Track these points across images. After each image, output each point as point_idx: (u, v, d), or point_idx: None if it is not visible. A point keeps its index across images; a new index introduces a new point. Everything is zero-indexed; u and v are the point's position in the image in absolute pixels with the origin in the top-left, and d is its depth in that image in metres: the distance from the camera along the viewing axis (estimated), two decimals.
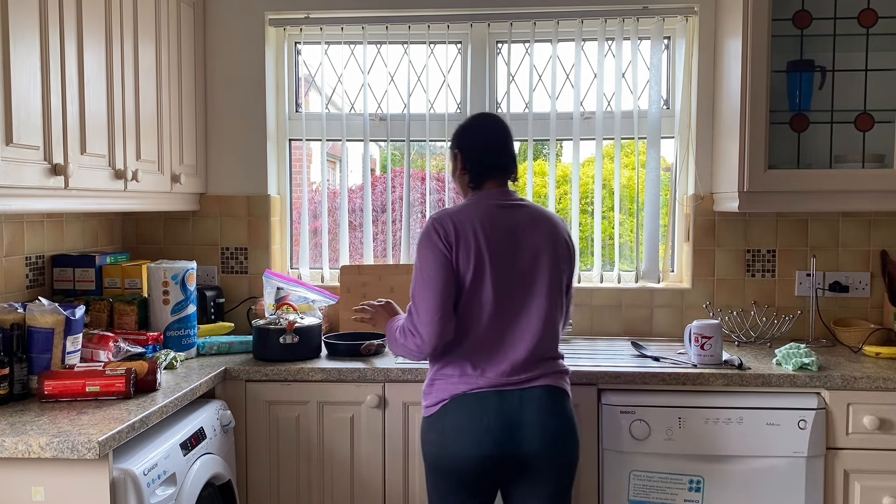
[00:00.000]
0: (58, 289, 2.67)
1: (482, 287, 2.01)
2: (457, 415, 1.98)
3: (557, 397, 2.01)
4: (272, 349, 2.54)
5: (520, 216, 2.07)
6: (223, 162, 3.11)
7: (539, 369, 2.01)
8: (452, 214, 2.05)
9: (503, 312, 2.02)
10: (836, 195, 2.60)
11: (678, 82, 3.03)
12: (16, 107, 1.90)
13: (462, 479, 1.99)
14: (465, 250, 2.00)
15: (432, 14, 3.03)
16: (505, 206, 2.08)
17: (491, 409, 1.96)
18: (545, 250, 2.05)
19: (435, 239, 2.02)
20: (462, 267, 2.01)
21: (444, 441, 1.98)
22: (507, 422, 1.95)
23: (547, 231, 2.08)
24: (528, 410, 1.97)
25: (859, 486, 2.34)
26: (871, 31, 2.62)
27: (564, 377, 2.07)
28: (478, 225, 2.02)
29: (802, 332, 2.92)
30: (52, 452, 1.72)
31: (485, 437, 1.95)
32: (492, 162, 2.13)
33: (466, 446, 1.95)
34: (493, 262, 2.01)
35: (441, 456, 1.99)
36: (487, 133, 2.16)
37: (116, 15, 2.36)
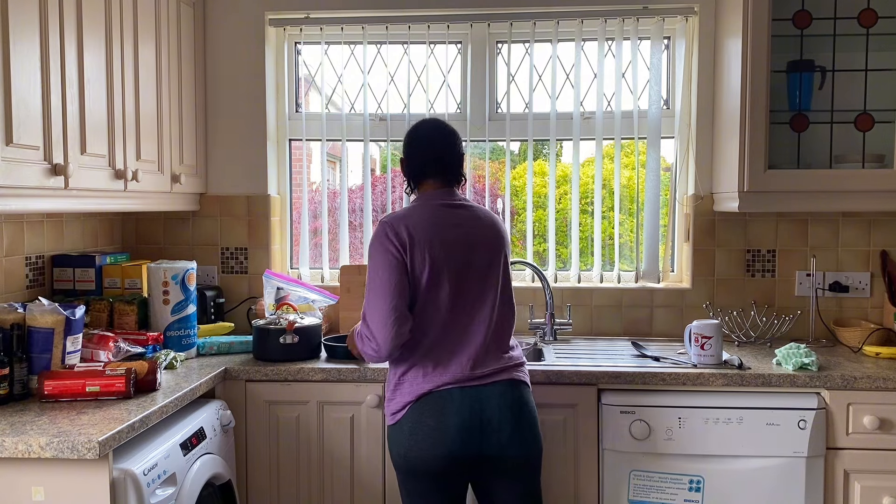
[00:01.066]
0: (58, 289, 2.67)
1: (439, 286, 2.03)
2: (422, 414, 1.99)
3: (519, 390, 2.05)
4: (272, 349, 2.54)
5: (466, 215, 2.12)
6: (223, 162, 3.11)
7: (498, 363, 2.05)
8: (403, 217, 2.08)
9: (460, 309, 2.05)
10: (836, 195, 2.60)
11: (678, 82, 3.03)
12: (16, 107, 1.90)
13: (432, 478, 2.00)
14: (419, 251, 2.02)
15: (432, 14, 3.03)
16: (450, 205, 2.12)
17: (456, 406, 1.98)
18: (493, 247, 2.11)
19: (386, 242, 2.03)
20: (417, 268, 2.02)
21: (411, 442, 1.99)
22: (473, 418, 1.97)
23: (492, 229, 2.14)
24: (493, 406, 1.99)
25: (859, 486, 2.34)
26: (871, 31, 2.62)
27: (522, 368, 2.12)
28: (429, 226, 2.05)
29: (802, 332, 2.92)
30: (52, 452, 1.72)
31: (451, 435, 1.96)
32: (424, 164, 2.15)
33: (434, 445, 1.97)
34: (448, 260, 2.04)
35: (409, 457, 2.00)
36: (420, 136, 2.19)
37: (116, 15, 2.36)
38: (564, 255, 3.16)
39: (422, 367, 2.03)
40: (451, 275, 2.04)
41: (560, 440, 2.40)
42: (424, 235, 2.04)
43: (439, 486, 2.03)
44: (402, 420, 2.03)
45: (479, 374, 2.02)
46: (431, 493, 2.03)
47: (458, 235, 2.07)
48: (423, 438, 1.98)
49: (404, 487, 2.08)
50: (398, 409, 2.04)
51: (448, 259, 2.04)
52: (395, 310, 2.00)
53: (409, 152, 2.19)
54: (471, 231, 2.09)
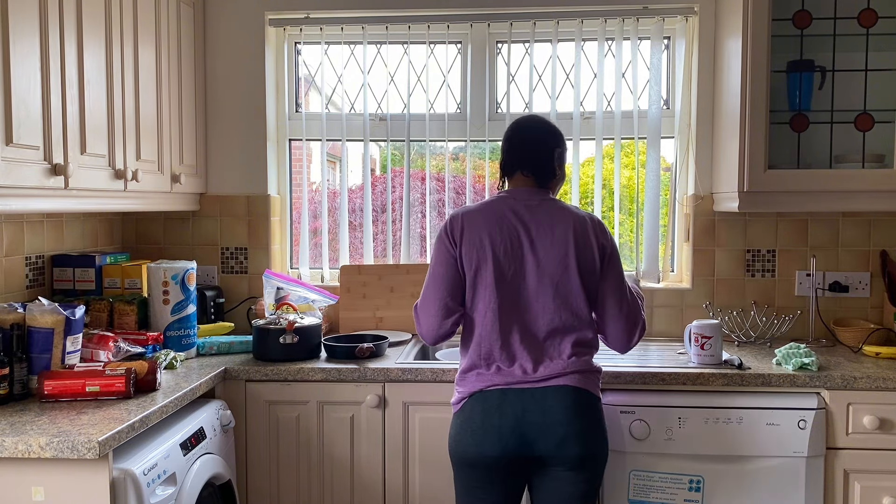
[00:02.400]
0: (58, 289, 2.67)
1: (484, 286, 2.04)
2: (473, 412, 2.01)
3: (575, 395, 1.99)
4: (272, 349, 2.54)
5: (538, 215, 2.07)
6: (223, 162, 3.11)
7: (556, 368, 2.01)
8: (465, 213, 2.11)
9: (506, 310, 2.04)
10: (836, 195, 2.60)
11: (678, 82, 3.03)
12: (16, 107, 1.90)
13: (479, 474, 2.01)
14: (468, 248, 2.05)
15: (432, 14, 3.03)
16: (527, 205, 2.09)
17: (501, 409, 1.98)
18: (557, 249, 2.04)
19: (444, 236, 2.10)
20: (465, 263, 2.06)
21: (459, 437, 2.02)
22: (518, 421, 1.96)
23: (564, 231, 2.06)
24: (540, 411, 1.97)
25: (859, 486, 2.34)
26: (871, 31, 2.62)
27: (587, 375, 2.04)
28: (489, 223, 2.06)
29: (802, 332, 2.92)
30: (52, 452, 1.72)
31: (496, 436, 1.96)
32: (520, 155, 2.14)
33: (480, 444, 1.98)
34: (497, 260, 2.03)
35: (457, 451, 2.03)
36: (517, 132, 2.17)
37: (116, 15, 2.36)
38: None
39: (477, 363, 2.05)
40: (498, 274, 2.03)
41: None
42: (479, 232, 2.05)
43: (487, 484, 2.02)
44: (457, 413, 2.06)
45: (532, 378, 1.99)
46: (479, 488, 2.03)
47: (513, 234, 2.05)
48: (471, 435, 1.99)
49: (456, 477, 2.09)
50: (457, 401, 2.09)
51: (496, 257, 2.03)
52: (439, 302, 2.07)
53: (503, 145, 2.18)
54: (532, 230, 2.05)
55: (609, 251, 2.10)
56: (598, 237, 2.08)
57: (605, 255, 2.08)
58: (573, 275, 2.04)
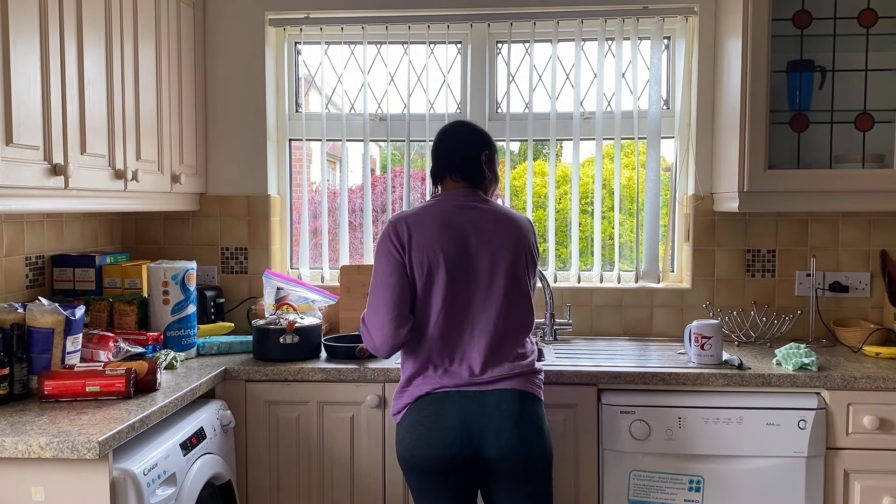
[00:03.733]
0: (58, 289, 2.67)
1: (434, 288, 2.03)
2: (420, 414, 2.00)
3: (518, 400, 1.99)
4: (272, 349, 2.54)
5: (479, 217, 2.08)
6: (223, 162, 3.11)
7: (501, 370, 2.01)
8: (409, 216, 2.08)
9: (457, 313, 2.03)
10: (836, 195, 2.60)
11: (678, 82, 3.03)
12: (16, 107, 1.90)
13: (431, 478, 2.00)
14: (417, 252, 2.03)
15: (432, 14, 3.03)
16: (465, 206, 2.09)
17: (451, 410, 1.98)
18: (502, 251, 2.05)
19: (388, 243, 2.06)
20: (416, 269, 2.03)
21: (407, 441, 2.01)
22: (467, 424, 1.96)
23: (507, 232, 2.07)
24: (487, 414, 1.97)
25: (859, 486, 2.34)
26: (871, 31, 2.62)
27: (530, 377, 2.05)
28: (432, 226, 2.05)
29: (802, 332, 2.92)
30: (52, 452, 1.72)
31: (445, 438, 1.96)
32: (447, 163, 2.15)
33: (429, 445, 1.97)
34: (446, 263, 2.02)
35: (405, 456, 2.02)
36: (446, 136, 2.19)
37: (116, 15, 2.36)
38: (564, 255, 3.16)
39: (423, 369, 2.04)
40: (449, 277, 2.02)
41: (560, 440, 2.40)
42: (425, 236, 2.03)
43: (439, 487, 2.02)
44: (402, 420, 2.05)
45: (479, 381, 2.00)
46: (433, 494, 2.03)
47: (460, 237, 2.04)
48: (419, 438, 1.98)
49: (409, 486, 2.09)
50: (396, 412, 2.08)
51: (447, 261, 2.02)
52: (393, 311, 2.02)
53: (432, 150, 2.20)
54: (477, 232, 2.05)
55: (537, 254, 2.17)
56: (534, 240, 2.14)
57: (536, 257, 2.15)
58: (521, 276, 2.06)
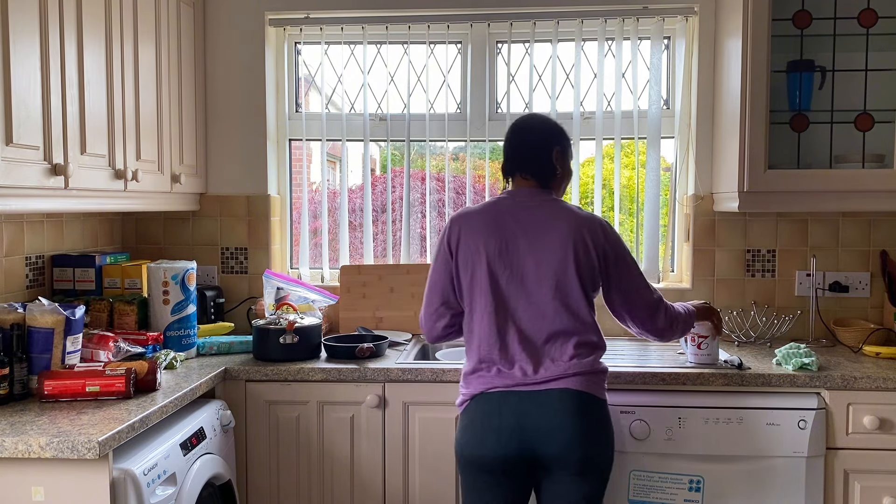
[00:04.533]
0: (58, 289, 2.67)
1: (479, 289, 2.05)
2: (475, 413, 2.02)
3: (574, 399, 1.97)
4: (272, 349, 2.54)
5: (537, 216, 2.06)
6: (223, 162, 3.11)
7: (556, 370, 1.99)
8: (463, 216, 2.12)
9: (504, 314, 2.03)
10: (836, 195, 2.60)
11: (678, 82, 3.03)
12: (16, 107, 1.90)
13: (482, 475, 2.01)
14: (464, 253, 2.07)
15: (432, 14, 3.03)
16: (527, 206, 2.08)
17: (504, 410, 1.98)
18: (553, 252, 2.03)
19: (443, 240, 2.13)
20: (461, 268, 2.08)
21: (463, 439, 2.03)
22: (521, 423, 1.96)
23: (564, 230, 2.04)
24: (543, 413, 1.96)
25: (859, 486, 2.34)
26: (871, 31, 2.62)
27: (590, 377, 2.01)
28: (486, 227, 2.06)
29: (802, 332, 2.92)
30: (52, 452, 1.72)
31: (496, 437, 1.96)
32: (520, 158, 2.14)
33: (481, 445, 1.98)
34: (492, 265, 2.03)
35: (460, 452, 2.04)
36: (516, 133, 2.17)
37: (116, 15, 2.36)
38: None
39: (478, 367, 2.05)
40: (495, 278, 2.03)
41: None
42: (473, 236, 2.06)
43: (492, 485, 2.01)
44: (461, 415, 2.08)
45: (532, 381, 1.99)
46: (485, 491, 2.02)
47: (509, 237, 2.04)
48: (472, 436, 2.00)
49: (462, 480, 2.09)
50: (461, 402, 2.10)
51: (492, 262, 2.03)
52: (432, 306, 2.14)
53: (504, 147, 2.18)
54: (528, 233, 2.04)
55: (612, 253, 2.08)
56: (599, 239, 2.06)
57: (606, 256, 2.07)
58: (572, 277, 2.03)
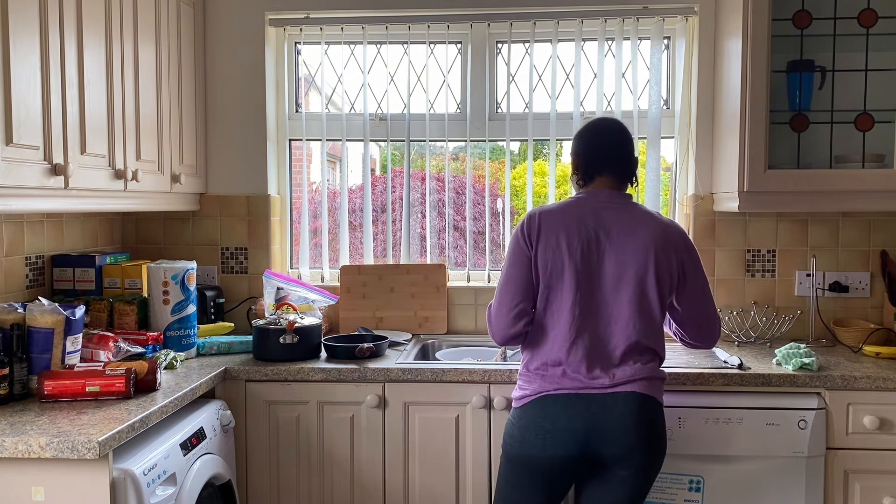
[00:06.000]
0: (58, 289, 2.67)
1: (556, 288, 2.03)
2: (540, 414, 2.00)
3: (640, 403, 1.97)
4: (272, 349, 2.54)
5: (620, 218, 2.05)
6: (223, 162, 3.11)
7: (624, 374, 1.99)
8: (543, 212, 2.09)
9: (582, 315, 2.01)
10: (836, 195, 2.60)
11: (678, 82, 3.03)
12: (16, 107, 1.90)
13: (534, 475, 2.01)
14: (544, 249, 2.04)
15: (432, 14, 3.03)
16: (609, 207, 2.07)
17: (571, 412, 1.97)
18: (633, 256, 2.02)
19: (519, 236, 2.08)
20: (540, 266, 2.04)
21: (525, 437, 2.00)
22: (585, 426, 1.95)
23: (646, 236, 2.03)
24: (609, 416, 1.95)
25: (859, 486, 2.34)
26: (871, 31, 2.62)
27: (654, 382, 2.02)
28: (568, 225, 2.04)
29: (802, 332, 2.92)
30: (52, 452, 1.72)
31: (562, 439, 1.96)
32: (603, 161, 2.12)
33: (546, 446, 1.97)
34: (574, 263, 2.01)
35: (518, 451, 2.02)
36: (599, 133, 2.16)
37: (116, 15, 2.36)
38: None
39: (546, 364, 2.03)
40: (574, 279, 2.01)
41: None
42: (554, 234, 2.03)
43: (540, 483, 2.01)
44: (520, 411, 2.04)
45: (600, 384, 1.98)
46: (527, 488, 2.02)
47: (591, 238, 2.02)
48: (537, 436, 1.98)
49: (505, 474, 2.07)
50: (520, 397, 2.06)
51: (572, 262, 2.01)
52: (512, 302, 2.06)
53: (580, 147, 2.15)
54: (610, 235, 2.03)
55: (690, 262, 2.08)
56: (678, 248, 2.06)
57: (684, 265, 2.07)
58: (651, 283, 2.01)
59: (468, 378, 2.41)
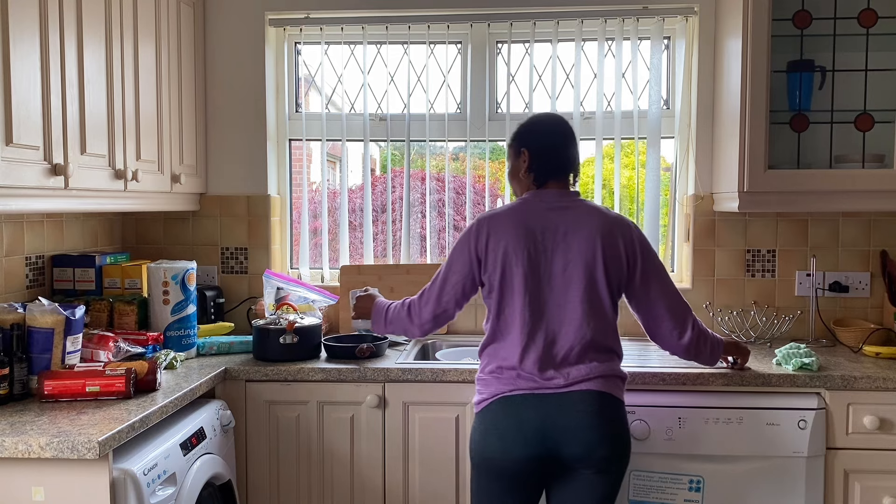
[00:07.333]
0: (58, 289, 2.67)
1: (510, 292, 2.03)
2: (497, 415, 1.99)
3: (598, 401, 1.97)
4: (272, 349, 2.54)
5: (566, 218, 2.05)
6: (223, 162, 3.11)
7: (580, 373, 1.99)
8: (492, 216, 2.09)
9: (533, 318, 2.02)
10: (836, 195, 2.60)
11: (678, 82, 3.03)
12: (16, 107, 1.90)
13: (501, 477, 2.00)
14: (493, 255, 2.05)
15: (432, 14, 3.03)
16: (555, 208, 2.07)
17: (528, 412, 1.96)
18: (583, 250, 2.02)
19: (467, 242, 2.10)
20: (490, 270, 2.05)
21: (485, 440, 2.00)
22: (544, 425, 1.95)
23: (591, 229, 2.03)
24: (567, 415, 1.95)
25: (859, 486, 2.34)
26: (871, 31, 2.62)
27: (611, 379, 2.02)
28: (515, 228, 2.04)
29: (802, 332, 2.92)
30: (52, 452, 1.72)
31: (522, 439, 1.95)
32: (557, 164, 2.12)
33: (506, 447, 1.96)
34: (522, 267, 2.02)
35: (480, 454, 2.01)
36: (555, 134, 2.15)
37: (116, 15, 2.36)
38: None
39: (502, 366, 2.03)
40: (525, 280, 2.01)
41: None
42: (503, 237, 2.04)
43: (508, 487, 2.00)
44: (480, 415, 2.04)
45: (556, 384, 1.98)
46: (499, 492, 2.01)
47: (538, 239, 2.03)
48: (497, 439, 1.97)
49: (475, 480, 2.07)
50: (479, 401, 2.06)
51: (521, 263, 2.01)
52: (444, 301, 2.14)
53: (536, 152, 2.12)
54: (556, 234, 2.03)
55: (640, 253, 2.07)
56: (627, 240, 2.06)
57: (635, 256, 2.06)
58: (600, 278, 2.02)
59: (468, 378, 2.41)
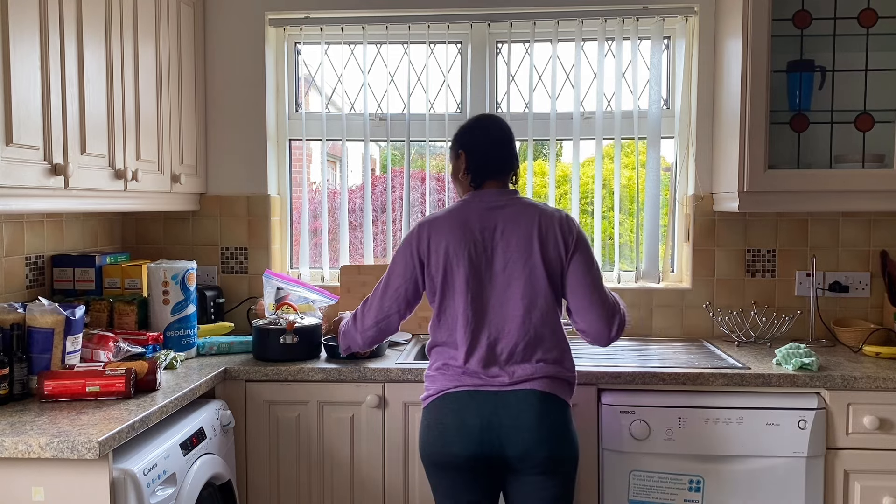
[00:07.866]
0: (58, 289, 2.67)
1: (452, 294, 2.05)
2: (441, 412, 2.01)
3: (539, 401, 1.97)
4: (272, 349, 2.54)
5: (503, 216, 2.06)
6: (223, 162, 3.11)
7: (523, 372, 2.00)
8: (431, 221, 2.10)
9: (476, 318, 2.03)
10: (836, 195, 2.60)
11: (678, 82, 3.03)
12: (16, 107, 1.90)
13: (452, 475, 2.01)
14: (435, 258, 2.06)
15: (432, 14, 3.03)
16: (493, 207, 2.08)
17: (470, 409, 1.98)
18: (521, 246, 2.03)
19: (407, 246, 2.11)
20: (434, 273, 2.06)
21: (429, 438, 2.02)
22: (487, 423, 1.96)
23: (528, 223, 2.04)
24: (508, 413, 1.96)
25: (859, 486, 2.34)
26: (871, 31, 2.62)
27: (555, 380, 2.02)
28: (455, 230, 2.05)
29: (802, 332, 2.92)
30: (52, 452, 1.72)
31: (465, 436, 1.96)
32: (494, 164, 2.13)
33: (448, 444, 1.98)
34: (463, 268, 2.03)
35: (428, 453, 2.03)
36: (491, 134, 2.15)
37: (116, 15, 2.36)
38: None
39: (447, 364, 2.05)
40: (467, 280, 2.02)
41: None
42: (447, 240, 2.05)
43: (459, 485, 2.01)
44: (425, 411, 2.06)
45: (499, 382, 1.99)
46: (453, 490, 2.02)
47: (478, 239, 2.04)
48: (439, 436, 1.99)
49: (431, 483, 2.09)
50: (425, 397, 2.09)
51: (463, 264, 2.02)
52: (386, 312, 2.15)
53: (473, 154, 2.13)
54: (495, 233, 2.04)
55: (574, 245, 2.05)
56: (563, 233, 2.05)
57: (569, 249, 2.05)
58: (540, 275, 2.03)
59: None
